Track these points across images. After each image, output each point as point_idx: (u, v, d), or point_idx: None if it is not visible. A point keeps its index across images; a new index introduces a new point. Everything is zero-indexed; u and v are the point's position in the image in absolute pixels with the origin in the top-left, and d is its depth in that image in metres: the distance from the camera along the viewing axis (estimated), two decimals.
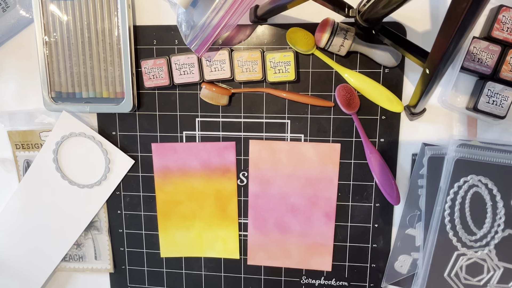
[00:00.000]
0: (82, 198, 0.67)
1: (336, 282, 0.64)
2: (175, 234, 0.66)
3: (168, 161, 0.64)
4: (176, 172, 0.64)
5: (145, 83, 0.61)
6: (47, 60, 0.62)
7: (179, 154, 0.64)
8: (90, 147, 0.65)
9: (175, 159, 0.64)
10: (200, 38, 0.52)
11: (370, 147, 0.58)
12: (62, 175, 0.66)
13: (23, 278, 0.70)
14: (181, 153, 0.63)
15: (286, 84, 0.60)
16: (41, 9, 0.61)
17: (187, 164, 0.64)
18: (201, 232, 0.66)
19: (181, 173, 0.64)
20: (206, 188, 0.64)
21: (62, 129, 0.65)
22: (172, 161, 0.64)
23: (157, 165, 0.64)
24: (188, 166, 0.64)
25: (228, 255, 0.66)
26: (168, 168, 0.64)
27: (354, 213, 0.62)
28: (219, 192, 0.64)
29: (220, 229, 0.65)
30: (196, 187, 0.64)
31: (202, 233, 0.65)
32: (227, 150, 0.62)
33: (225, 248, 0.65)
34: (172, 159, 0.64)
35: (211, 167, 0.63)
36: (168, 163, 0.64)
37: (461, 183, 0.56)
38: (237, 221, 0.64)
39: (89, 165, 0.66)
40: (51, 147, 0.65)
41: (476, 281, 0.59)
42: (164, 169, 0.64)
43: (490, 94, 0.53)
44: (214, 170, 0.63)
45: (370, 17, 0.50)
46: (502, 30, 0.52)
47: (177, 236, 0.66)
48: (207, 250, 0.66)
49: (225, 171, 0.63)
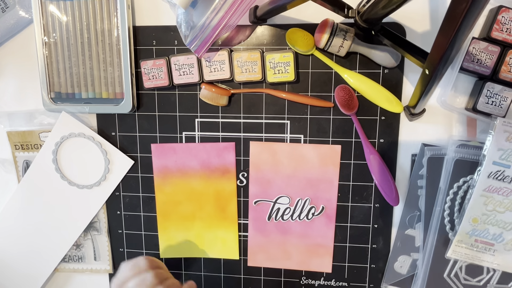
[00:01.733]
0: (82, 198, 0.67)
1: (335, 283, 0.64)
2: (174, 235, 0.66)
3: (167, 162, 0.64)
4: (176, 172, 0.64)
5: (145, 84, 0.61)
6: (46, 61, 0.62)
7: (179, 154, 0.63)
8: (90, 147, 0.65)
9: (175, 160, 0.64)
10: (200, 38, 0.52)
11: (369, 147, 0.58)
12: (62, 175, 0.66)
13: (23, 278, 0.70)
14: (181, 154, 0.63)
15: (285, 85, 0.60)
16: (41, 9, 0.60)
17: (186, 164, 0.64)
18: (200, 233, 0.65)
19: (181, 173, 0.64)
20: (206, 189, 0.64)
21: (61, 129, 0.65)
22: (171, 161, 0.64)
23: (157, 166, 0.64)
24: (188, 167, 0.64)
25: (228, 256, 0.66)
26: (167, 169, 0.64)
27: (353, 213, 0.62)
28: (218, 192, 0.64)
29: (219, 230, 0.65)
30: (196, 187, 0.64)
31: (202, 233, 0.65)
32: (227, 151, 0.62)
33: (225, 249, 0.65)
34: (172, 160, 0.64)
35: (211, 167, 0.63)
36: (168, 163, 0.64)
37: (461, 184, 0.56)
38: (236, 222, 0.64)
39: (88, 166, 0.66)
40: (50, 147, 0.65)
41: (476, 281, 0.59)
42: (164, 170, 0.64)
43: (489, 94, 0.53)
44: (213, 171, 0.63)
45: (369, 18, 0.50)
46: (501, 31, 0.52)
47: (176, 236, 0.66)
48: (207, 251, 0.66)
49: (225, 171, 0.63)
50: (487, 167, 0.53)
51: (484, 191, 0.53)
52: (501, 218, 0.54)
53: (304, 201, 0.62)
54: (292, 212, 0.62)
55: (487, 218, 0.54)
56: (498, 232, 0.55)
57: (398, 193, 0.57)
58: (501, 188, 0.53)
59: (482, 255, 0.56)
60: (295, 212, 0.62)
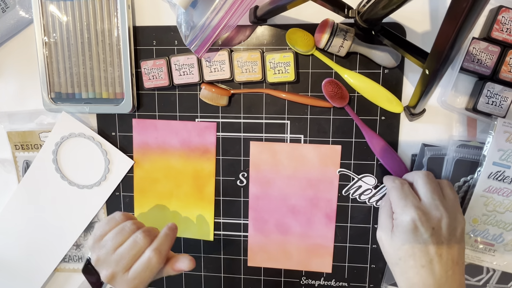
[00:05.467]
0: (82, 198, 0.67)
1: (336, 283, 0.64)
2: (150, 212, 0.66)
3: (148, 138, 0.64)
4: (156, 149, 0.64)
5: (145, 84, 0.61)
6: (46, 61, 0.62)
7: (160, 131, 0.63)
8: (90, 147, 0.65)
9: (155, 136, 0.63)
10: (200, 38, 0.52)
11: (370, 132, 0.58)
12: (62, 175, 0.66)
13: (23, 278, 0.69)
14: (162, 131, 0.63)
15: (285, 85, 0.60)
16: (41, 9, 0.61)
17: (167, 142, 0.63)
18: (176, 212, 0.65)
19: (161, 150, 0.64)
20: (185, 167, 0.64)
21: (61, 129, 0.65)
22: (152, 138, 0.64)
23: (137, 141, 0.64)
24: (168, 144, 0.63)
25: (202, 237, 0.65)
26: (147, 145, 0.64)
27: (353, 213, 0.62)
28: (197, 172, 0.64)
29: (196, 210, 0.65)
30: (175, 165, 0.64)
31: (178, 212, 0.65)
32: (208, 130, 0.62)
33: (200, 229, 0.65)
34: (152, 136, 0.64)
35: (191, 146, 0.63)
36: (148, 139, 0.64)
37: (461, 183, 0.56)
38: (213, 203, 0.64)
39: (88, 166, 0.66)
40: (50, 147, 0.65)
41: (475, 281, 0.59)
42: (144, 146, 0.64)
43: (489, 94, 0.53)
44: (193, 150, 0.63)
45: (369, 18, 0.50)
46: (502, 31, 0.52)
47: (152, 214, 0.66)
48: (182, 230, 0.65)
49: (205, 151, 0.63)
50: (487, 168, 0.53)
51: (484, 192, 0.53)
52: (501, 219, 0.54)
53: None
54: (373, 195, 0.61)
55: (487, 219, 0.54)
56: (498, 232, 0.55)
57: (408, 170, 0.57)
58: (501, 188, 0.53)
59: (482, 255, 0.56)
60: (375, 196, 0.61)
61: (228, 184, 0.64)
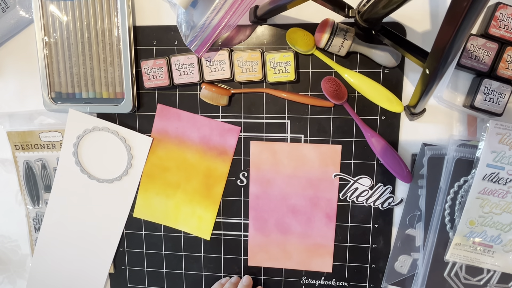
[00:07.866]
0: (114, 192, 0.66)
1: (336, 283, 0.64)
2: (153, 198, 0.66)
3: (168, 126, 0.63)
4: (174, 139, 0.64)
5: (145, 84, 0.61)
6: (47, 61, 0.62)
7: (182, 122, 0.63)
8: (106, 138, 0.64)
9: (176, 126, 0.63)
10: (200, 38, 0.52)
11: (369, 131, 0.58)
12: (89, 175, 0.65)
13: (83, 283, 0.70)
14: (184, 122, 0.63)
15: (286, 84, 0.60)
16: (41, 9, 0.60)
17: (186, 134, 0.63)
18: (180, 204, 0.65)
19: (178, 141, 0.63)
20: (198, 163, 0.63)
21: (74, 128, 0.64)
22: (173, 127, 0.63)
23: (157, 127, 0.64)
24: (187, 137, 0.63)
25: (200, 234, 0.66)
26: (167, 133, 0.64)
27: (354, 213, 0.62)
28: (210, 170, 0.63)
29: (199, 207, 0.65)
30: (189, 159, 0.64)
31: (181, 205, 0.65)
32: (230, 133, 0.62)
33: (199, 226, 0.65)
34: (173, 126, 0.63)
35: (210, 144, 0.63)
36: (169, 128, 0.63)
37: (461, 183, 0.56)
38: (218, 204, 0.64)
39: (111, 158, 0.65)
40: (69, 149, 0.65)
41: (476, 280, 0.59)
42: (163, 132, 0.64)
43: (487, 91, 0.53)
44: (211, 148, 0.63)
45: (370, 17, 0.50)
46: (499, 28, 0.52)
47: (155, 200, 0.66)
48: (181, 223, 0.66)
49: (222, 152, 0.63)
50: (481, 170, 0.53)
51: (480, 194, 0.53)
52: (498, 220, 0.54)
53: (385, 189, 0.61)
54: (370, 196, 0.61)
55: (484, 220, 0.54)
56: (496, 234, 0.55)
57: (408, 169, 0.57)
58: (496, 190, 0.53)
59: (481, 257, 0.56)
60: (372, 196, 0.61)
61: (228, 184, 0.64)
